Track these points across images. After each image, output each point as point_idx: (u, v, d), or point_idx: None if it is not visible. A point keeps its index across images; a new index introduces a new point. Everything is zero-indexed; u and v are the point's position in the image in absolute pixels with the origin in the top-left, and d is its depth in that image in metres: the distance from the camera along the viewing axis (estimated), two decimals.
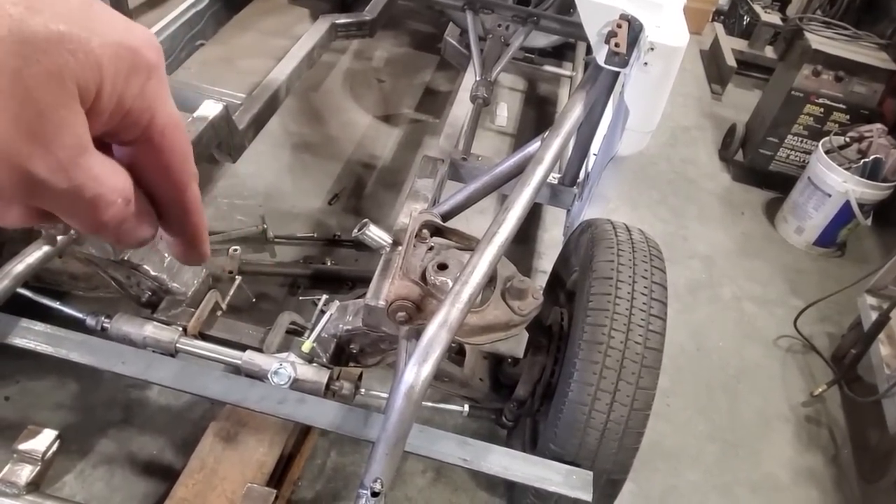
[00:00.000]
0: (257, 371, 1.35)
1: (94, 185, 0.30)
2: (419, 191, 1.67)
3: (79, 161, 0.29)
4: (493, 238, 1.12)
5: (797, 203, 2.91)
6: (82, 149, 0.29)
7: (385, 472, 1.01)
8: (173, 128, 0.33)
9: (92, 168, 0.30)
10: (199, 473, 1.44)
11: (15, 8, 0.26)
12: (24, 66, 0.26)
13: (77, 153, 0.29)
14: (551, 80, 3.61)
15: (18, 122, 0.26)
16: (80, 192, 0.30)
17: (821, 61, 2.91)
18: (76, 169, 0.29)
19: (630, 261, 1.34)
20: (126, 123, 0.32)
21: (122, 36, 0.30)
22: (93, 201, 0.30)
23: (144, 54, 0.31)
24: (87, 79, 0.28)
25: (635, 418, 1.21)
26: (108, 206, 0.31)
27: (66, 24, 0.27)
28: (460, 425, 1.85)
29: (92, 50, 0.28)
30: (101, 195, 0.30)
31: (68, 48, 0.27)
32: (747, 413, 2.18)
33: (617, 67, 1.36)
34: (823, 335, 2.51)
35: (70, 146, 0.28)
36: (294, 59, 2.27)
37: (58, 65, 0.27)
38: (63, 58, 0.27)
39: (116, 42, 0.29)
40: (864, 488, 2.04)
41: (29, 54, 0.26)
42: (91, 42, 0.28)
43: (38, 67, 0.26)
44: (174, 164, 0.34)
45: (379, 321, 1.24)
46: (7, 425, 1.67)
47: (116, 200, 0.31)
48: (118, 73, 0.29)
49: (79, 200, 0.30)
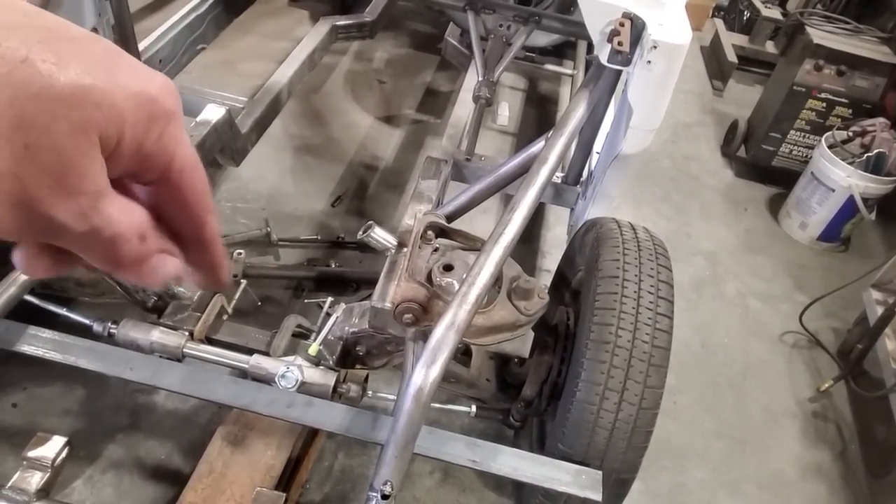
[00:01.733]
0: (265, 375, 1.35)
1: (111, 226, 0.32)
2: (423, 192, 1.67)
3: (97, 206, 0.31)
4: (499, 238, 1.12)
5: (800, 198, 2.91)
6: (101, 194, 0.31)
7: (395, 474, 1.01)
8: (191, 168, 0.35)
9: (109, 211, 0.31)
10: (208, 478, 1.44)
11: (44, 64, 0.27)
12: (52, 121, 0.28)
13: (96, 199, 0.30)
14: (552, 79, 3.61)
15: (45, 173, 0.28)
16: (98, 234, 0.31)
17: (822, 56, 2.90)
18: (94, 213, 0.31)
19: (636, 259, 1.34)
20: (145, 167, 0.33)
21: (143, 85, 0.31)
22: (110, 240, 0.32)
23: (163, 102, 0.32)
24: (109, 130, 0.30)
25: (644, 417, 1.21)
26: (124, 244, 0.33)
27: (93, 77, 0.29)
28: (467, 426, 1.86)
29: (115, 102, 0.29)
30: (117, 234, 0.32)
31: (94, 101, 0.29)
32: (754, 410, 2.18)
33: (620, 66, 1.36)
34: (829, 330, 2.50)
35: (90, 193, 0.30)
36: (295, 61, 2.28)
37: (84, 119, 0.28)
38: (89, 112, 0.28)
39: (138, 92, 0.31)
40: (871, 483, 2.03)
41: (58, 110, 0.28)
42: (115, 94, 0.29)
43: (66, 123, 0.28)
44: (192, 201, 0.36)
45: (385, 323, 1.24)
46: (15, 432, 1.67)
47: (132, 238, 0.33)
48: (138, 123, 0.31)
49: (97, 241, 0.32)
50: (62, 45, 0.29)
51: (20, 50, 0.27)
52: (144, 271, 0.35)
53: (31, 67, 0.27)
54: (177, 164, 0.34)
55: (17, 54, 0.27)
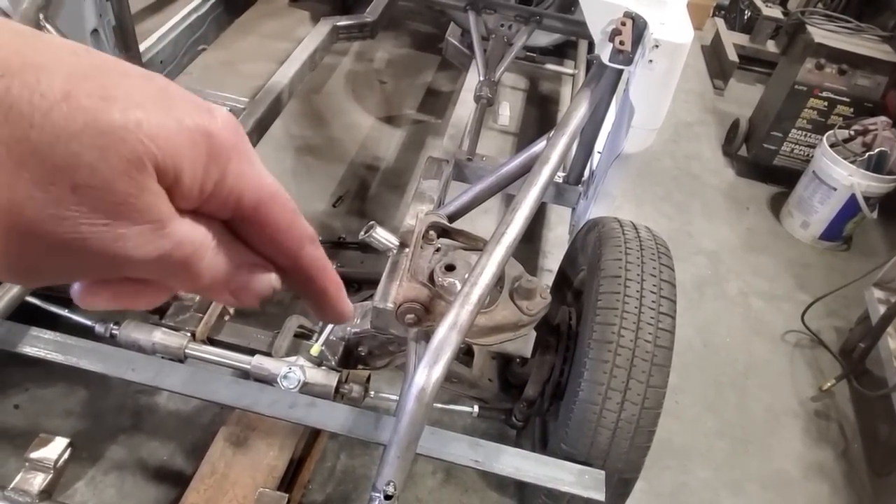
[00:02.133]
0: (267, 375, 1.35)
1: (183, 247, 0.30)
2: (425, 192, 1.67)
3: (162, 233, 0.29)
4: (501, 238, 1.12)
5: (802, 197, 2.90)
6: (164, 223, 0.29)
7: (397, 474, 1.01)
8: (268, 200, 0.33)
9: (175, 234, 0.30)
10: (210, 478, 1.44)
11: (89, 100, 0.26)
12: (101, 158, 0.26)
13: (159, 227, 0.29)
14: (553, 79, 3.61)
15: (99, 210, 0.27)
16: (170, 257, 0.30)
17: (824, 55, 2.90)
18: (160, 240, 0.29)
19: (638, 258, 1.34)
20: (213, 206, 0.32)
21: (200, 120, 0.30)
22: (183, 261, 0.31)
23: (223, 137, 0.30)
24: (165, 163, 0.28)
25: (646, 417, 1.21)
26: (199, 261, 0.31)
27: (143, 111, 0.27)
28: (469, 426, 1.85)
29: (170, 137, 0.28)
30: (190, 253, 0.31)
31: (146, 135, 0.27)
32: (756, 409, 2.17)
33: (621, 65, 1.36)
34: (831, 329, 2.50)
35: (152, 222, 0.29)
36: (296, 62, 2.28)
37: (136, 152, 0.27)
38: (142, 144, 0.27)
39: (194, 128, 0.29)
40: (874, 482, 2.03)
41: (107, 146, 0.26)
42: (169, 129, 0.28)
43: (116, 157, 0.27)
44: (276, 234, 0.34)
45: (387, 323, 1.24)
46: (18, 433, 1.67)
47: (206, 254, 0.32)
48: (197, 160, 0.29)
49: (169, 264, 0.30)
50: (110, 79, 0.27)
51: (62, 87, 0.26)
52: (234, 287, 0.34)
53: (74, 103, 0.26)
54: (248, 200, 0.32)
55: (59, 92, 0.25)
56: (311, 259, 0.35)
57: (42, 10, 1.57)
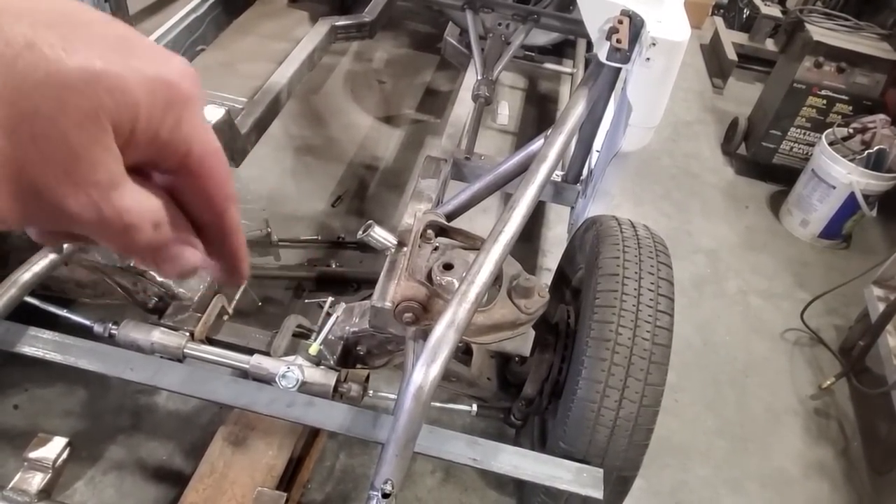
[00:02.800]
0: (265, 375, 1.35)
1: (124, 216, 0.31)
2: (423, 191, 1.67)
3: (110, 195, 0.30)
4: (498, 237, 1.12)
5: (801, 196, 2.90)
6: (114, 184, 0.30)
7: (395, 473, 1.01)
8: (211, 155, 0.34)
9: (122, 200, 0.30)
10: (209, 478, 1.44)
11: (51, 49, 0.26)
12: (60, 110, 0.26)
13: (108, 188, 0.29)
14: (552, 78, 3.61)
15: (53, 162, 0.27)
16: (110, 223, 0.30)
17: (822, 53, 2.90)
18: (106, 203, 0.30)
19: (636, 257, 1.34)
20: (163, 155, 0.32)
21: (158, 69, 0.30)
22: (124, 229, 0.31)
23: (181, 87, 0.31)
24: (122, 116, 0.28)
25: (645, 415, 1.21)
26: (138, 232, 0.32)
27: (104, 61, 0.27)
28: (468, 425, 1.85)
29: (128, 88, 0.28)
30: (131, 224, 0.31)
31: (105, 87, 0.27)
32: (756, 407, 2.17)
33: (619, 64, 1.36)
34: (831, 327, 2.50)
35: (102, 182, 0.29)
36: (294, 62, 2.28)
37: (94, 106, 0.27)
38: (100, 99, 0.27)
39: (153, 77, 0.29)
40: (874, 480, 2.03)
41: (66, 98, 0.26)
42: (127, 80, 0.28)
43: (75, 110, 0.27)
44: (212, 189, 0.35)
45: (386, 322, 1.24)
46: (17, 433, 1.68)
47: (145, 227, 0.32)
48: (154, 109, 0.30)
49: (109, 229, 0.31)
50: (72, 28, 0.27)
51: (26, 35, 0.26)
52: (161, 260, 0.35)
53: (37, 53, 0.26)
54: (196, 151, 0.33)
55: (23, 39, 0.25)
56: (232, 218, 0.37)
57: None
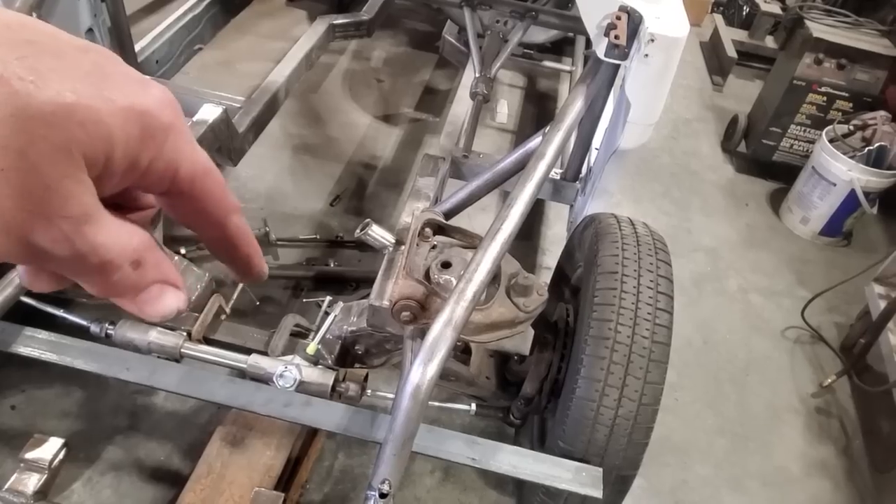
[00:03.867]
0: (263, 374, 1.34)
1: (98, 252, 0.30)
2: (421, 189, 1.66)
3: (82, 230, 0.28)
4: (496, 235, 1.12)
5: (802, 193, 2.89)
6: (87, 217, 0.28)
7: (393, 473, 1.00)
8: (202, 175, 0.33)
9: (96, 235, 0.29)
10: (207, 478, 1.43)
11: (21, 83, 0.25)
12: (30, 143, 0.26)
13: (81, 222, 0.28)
14: (551, 76, 3.60)
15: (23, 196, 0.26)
16: (84, 259, 0.29)
17: (822, 49, 2.89)
18: (80, 237, 0.28)
19: (635, 255, 1.33)
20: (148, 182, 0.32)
21: (134, 99, 0.29)
22: (99, 267, 0.30)
23: (158, 116, 0.30)
24: (95, 148, 0.28)
25: (644, 413, 1.20)
26: (114, 271, 0.31)
27: (75, 93, 0.27)
28: (468, 424, 1.85)
29: (101, 119, 0.27)
30: (106, 261, 0.30)
31: (77, 120, 0.27)
32: (756, 405, 2.16)
33: (617, 60, 1.35)
34: (832, 325, 2.49)
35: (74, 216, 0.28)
36: (292, 60, 2.27)
37: (65, 139, 0.26)
38: (70, 131, 0.27)
39: (128, 107, 0.29)
40: (876, 478, 2.02)
41: (35, 130, 0.26)
42: (100, 111, 0.27)
43: (45, 143, 0.26)
44: (209, 207, 0.35)
45: (383, 321, 1.23)
46: (14, 434, 1.67)
47: (122, 265, 0.31)
48: (130, 139, 0.29)
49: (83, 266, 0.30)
50: (44, 60, 0.27)
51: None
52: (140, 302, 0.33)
53: (7, 87, 0.25)
54: (184, 174, 0.32)
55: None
56: (236, 228, 0.37)
57: (35, 8, 1.57)
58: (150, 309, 0.34)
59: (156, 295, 0.33)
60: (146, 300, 0.33)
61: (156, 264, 0.33)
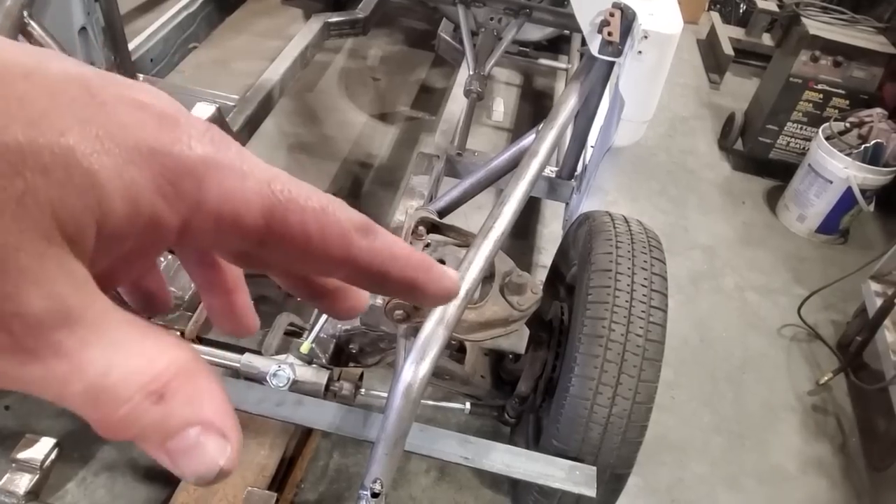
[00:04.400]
0: (256, 374, 1.33)
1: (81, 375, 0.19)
2: (415, 188, 1.66)
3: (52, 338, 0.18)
4: (488, 233, 1.11)
5: (798, 191, 2.89)
6: (61, 318, 0.18)
7: (385, 472, 1.00)
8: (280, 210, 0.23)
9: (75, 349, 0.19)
10: None
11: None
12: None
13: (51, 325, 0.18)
14: (547, 74, 3.59)
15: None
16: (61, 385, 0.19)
17: (819, 47, 2.88)
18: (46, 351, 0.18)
19: (629, 252, 1.33)
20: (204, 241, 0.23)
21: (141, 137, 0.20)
22: (87, 395, 0.19)
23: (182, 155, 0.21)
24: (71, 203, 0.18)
25: (638, 412, 1.20)
26: (116, 405, 0.19)
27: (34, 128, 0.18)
28: (463, 423, 1.84)
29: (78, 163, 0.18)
30: (101, 388, 0.19)
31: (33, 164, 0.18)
32: (753, 403, 2.16)
33: (611, 57, 1.35)
34: (828, 323, 2.49)
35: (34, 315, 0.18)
36: (287, 59, 2.26)
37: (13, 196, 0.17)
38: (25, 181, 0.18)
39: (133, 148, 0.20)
40: (872, 477, 2.02)
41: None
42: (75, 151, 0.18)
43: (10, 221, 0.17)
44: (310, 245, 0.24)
45: (377, 320, 1.23)
46: (8, 434, 1.66)
47: (133, 397, 0.19)
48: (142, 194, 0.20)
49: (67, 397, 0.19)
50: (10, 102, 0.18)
51: None
52: (172, 453, 0.21)
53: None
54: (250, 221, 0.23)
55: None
56: (368, 253, 0.26)
57: (27, 7, 1.56)
58: (183, 465, 0.21)
59: (190, 445, 0.21)
60: (177, 451, 0.21)
61: (190, 398, 0.21)
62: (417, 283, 0.28)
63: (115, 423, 0.20)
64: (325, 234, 0.24)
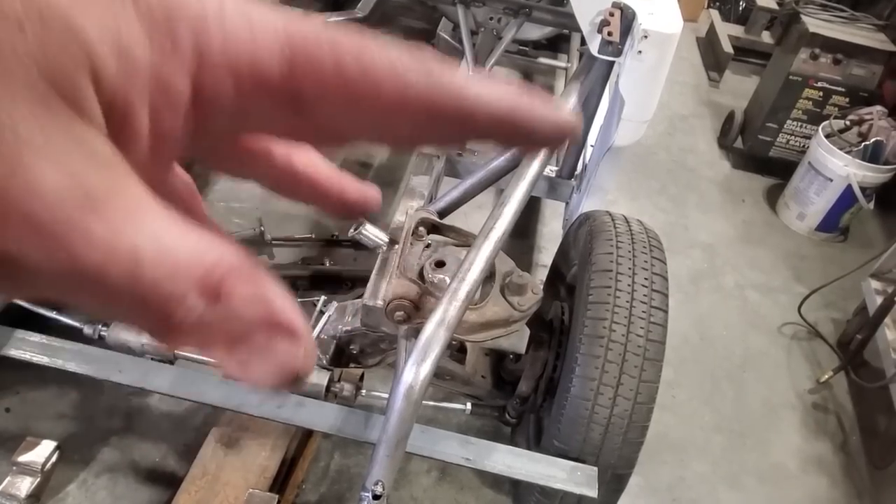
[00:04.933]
0: None
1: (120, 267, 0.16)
2: (415, 188, 1.65)
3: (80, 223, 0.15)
4: (489, 234, 1.11)
5: (798, 189, 2.89)
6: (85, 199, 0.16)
7: (386, 473, 1.00)
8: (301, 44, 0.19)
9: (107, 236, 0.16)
10: (202, 480, 1.43)
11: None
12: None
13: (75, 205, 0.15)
14: (547, 73, 3.59)
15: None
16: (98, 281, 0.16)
17: (818, 44, 2.88)
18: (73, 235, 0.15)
19: (629, 252, 1.33)
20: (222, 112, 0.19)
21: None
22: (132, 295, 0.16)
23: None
24: (59, 62, 0.16)
25: (639, 412, 1.19)
26: (168, 304, 0.17)
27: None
28: (464, 423, 1.84)
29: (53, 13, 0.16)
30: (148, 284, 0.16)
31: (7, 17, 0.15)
32: (753, 402, 2.16)
33: (611, 57, 1.35)
34: (828, 321, 2.49)
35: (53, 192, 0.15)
36: None
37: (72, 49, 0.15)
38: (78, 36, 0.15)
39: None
40: (873, 475, 2.02)
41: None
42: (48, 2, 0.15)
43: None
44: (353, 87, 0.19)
45: (377, 321, 1.23)
46: (8, 437, 1.66)
47: (185, 295, 0.17)
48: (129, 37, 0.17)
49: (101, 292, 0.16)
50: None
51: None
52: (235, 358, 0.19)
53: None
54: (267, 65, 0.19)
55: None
56: (429, 86, 0.20)
57: None
58: (255, 372, 0.19)
59: (259, 348, 0.19)
60: (244, 356, 0.19)
61: (251, 296, 0.19)
62: (517, 115, 0.21)
63: (170, 328, 0.17)
64: (366, 70, 0.19)
